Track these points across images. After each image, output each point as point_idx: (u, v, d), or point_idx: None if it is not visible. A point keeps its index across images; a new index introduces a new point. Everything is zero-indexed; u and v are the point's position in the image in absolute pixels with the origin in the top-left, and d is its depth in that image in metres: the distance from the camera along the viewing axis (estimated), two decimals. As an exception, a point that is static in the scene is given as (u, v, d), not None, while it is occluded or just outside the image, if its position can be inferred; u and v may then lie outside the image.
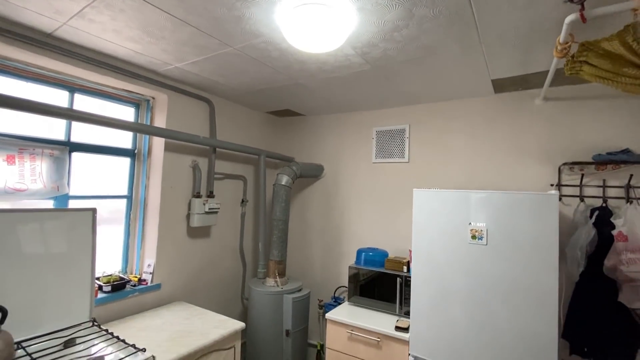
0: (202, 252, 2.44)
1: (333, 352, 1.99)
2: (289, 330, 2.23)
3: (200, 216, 2.26)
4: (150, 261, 2.13)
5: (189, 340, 1.62)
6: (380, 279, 2.10)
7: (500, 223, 1.49)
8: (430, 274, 1.65)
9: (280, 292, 2.29)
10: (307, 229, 2.99)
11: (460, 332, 1.55)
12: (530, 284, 1.43)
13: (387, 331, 1.80)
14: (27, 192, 1.68)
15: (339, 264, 2.78)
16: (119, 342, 1.47)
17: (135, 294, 1.97)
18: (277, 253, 2.46)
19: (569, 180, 1.99)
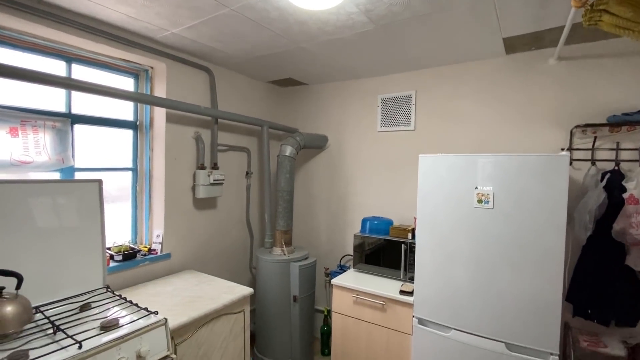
0: (209, 223, 2.47)
1: (339, 316, 2.05)
2: (296, 296, 2.29)
3: (205, 187, 2.27)
4: (158, 232, 2.17)
5: (200, 304, 1.67)
6: (385, 247, 2.12)
7: (507, 186, 1.47)
8: (434, 238, 1.65)
9: (287, 261, 2.33)
10: (312, 200, 3.00)
11: (463, 295, 1.58)
12: (536, 247, 1.42)
13: (392, 295, 1.84)
14: (32, 165, 1.69)
15: (344, 233, 2.81)
16: (132, 306, 1.53)
17: (145, 263, 2.02)
18: (283, 223, 2.49)
19: (580, 144, 1.93)
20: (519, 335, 1.45)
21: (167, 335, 1.42)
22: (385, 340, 1.87)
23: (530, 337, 1.43)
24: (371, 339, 1.92)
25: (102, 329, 1.30)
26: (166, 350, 1.41)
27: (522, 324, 1.45)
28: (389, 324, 1.85)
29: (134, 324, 1.36)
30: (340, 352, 2.05)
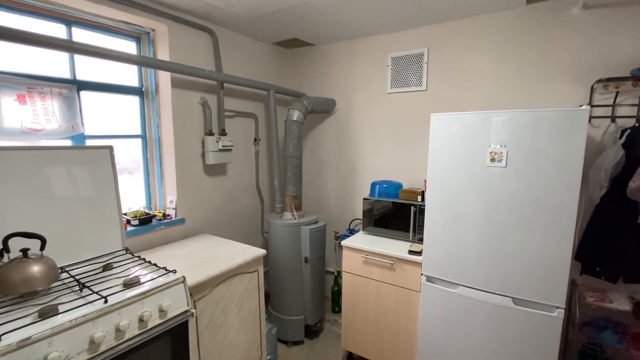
0: (221, 189, 2.51)
1: (349, 275, 2.12)
2: (307, 258, 2.36)
3: (214, 154, 2.28)
4: (171, 198, 2.21)
5: (215, 264, 1.74)
6: (394, 210, 2.13)
7: (521, 144, 1.43)
8: (445, 198, 1.65)
9: (298, 224, 2.37)
10: (321, 166, 2.99)
11: (472, 253, 1.60)
12: (549, 206, 1.41)
13: (401, 255, 1.88)
14: (43, 132, 1.71)
15: (353, 198, 2.83)
16: (151, 266, 1.60)
17: (161, 227, 2.08)
18: (293, 188, 2.51)
19: (600, 100, 1.85)
20: (526, 291, 1.48)
21: (186, 292, 1.50)
22: (394, 297, 1.93)
23: (537, 292, 1.46)
24: (380, 296, 1.99)
25: (125, 286, 1.37)
26: (186, 305, 1.49)
27: (530, 280, 1.47)
28: (397, 282, 1.91)
29: (154, 281, 1.43)
30: (350, 309, 2.14)
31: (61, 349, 1.09)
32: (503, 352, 1.55)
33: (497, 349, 1.57)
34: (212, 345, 1.70)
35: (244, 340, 1.91)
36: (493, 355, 1.58)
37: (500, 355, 1.56)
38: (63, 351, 1.10)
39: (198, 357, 1.63)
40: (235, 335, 1.84)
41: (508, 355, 1.54)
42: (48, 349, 1.07)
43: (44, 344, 1.06)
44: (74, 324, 1.13)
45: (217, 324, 1.72)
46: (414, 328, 1.88)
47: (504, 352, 1.55)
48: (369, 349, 2.09)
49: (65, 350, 1.11)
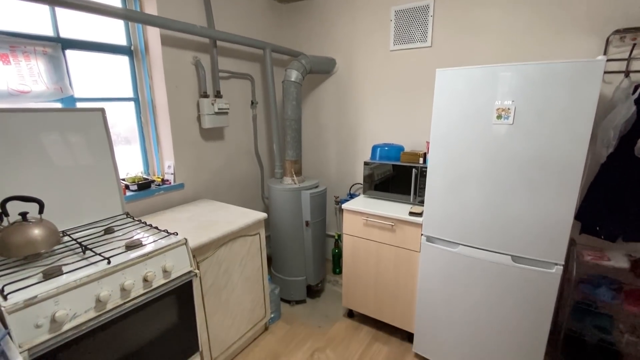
0: (219, 154, 2.47)
1: (349, 237, 2.14)
2: (308, 221, 2.38)
3: (210, 117, 2.21)
4: (169, 162, 2.18)
5: (217, 227, 1.75)
6: (395, 173, 2.10)
7: (530, 99, 1.36)
8: (448, 158, 1.61)
9: (298, 189, 2.36)
10: (321, 130, 2.92)
11: (473, 213, 1.59)
12: (554, 164, 1.37)
13: (401, 216, 1.88)
14: (31, 95, 1.64)
15: (354, 162, 2.79)
16: (152, 229, 1.60)
17: (160, 192, 2.07)
18: (292, 153, 2.46)
19: (615, 53, 1.75)
20: (526, 249, 1.49)
21: (189, 253, 1.51)
22: (394, 258, 1.96)
23: (536, 250, 1.47)
24: (380, 256, 2.02)
25: (127, 248, 1.38)
26: (189, 266, 1.52)
27: (530, 239, 1.48)
28: (397, 243, 1.93)
29: (157, 243, 1.44)
30: (351, 269, 2.18)
31: (68, 307, 1.11)
32: (499, 308, 1.60)
33: (493, 305, 1.61)
34: (217, 304, 1.76)
35: (248, 299, 1.96)
36: (490, 311, 1.63)
37: (497, 311, 1.61)
38: (70, 309, 1.12)
39: (204, 315, 1.68)
40: (239, 294, 1.89)
41: (504, 311, 1.59)
42: (55, 307, 1.09)
43: (50, 303, 1.08)
44: (79, 283, 1.15)
45: (221, 284, 1.76)
46: (413, 286, 1.93)
47: (501, 308, 1.59)
48: (369, 307, 2.16)
49: (72, 309, 1.13)
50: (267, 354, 2.00)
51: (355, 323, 2.29)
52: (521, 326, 1.56)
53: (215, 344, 1.77)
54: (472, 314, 1.68)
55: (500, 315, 1.60)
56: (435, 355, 1.87)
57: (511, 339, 1.60)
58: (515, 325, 1.57)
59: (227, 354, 1.87)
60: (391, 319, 2.08)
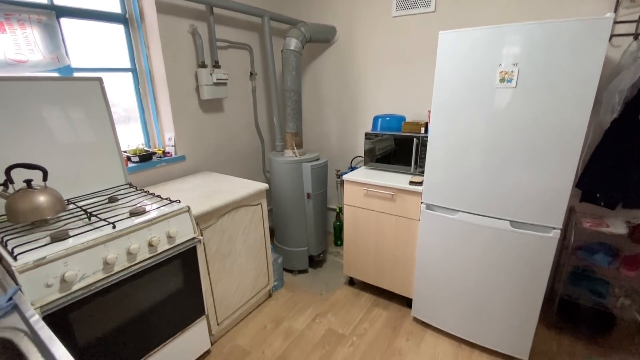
0: (219, 127, 2.46)
1: (350, 208, 2.16)
2: (310, 194, 2.40)
3: (209, 88, 2.19)
4: (169, 135, 2.18)
5: (219, 196, 1.77)
6: (396, 144, 2.09)
7: (534, 60, 1.33)
8: (449, 125, 1.60)
9: (299, 161, 2.37)
10: (321, 102, 2.89)
11: (473, 180, 1.59)
12: (556, 128, 1.36)
13: (401, 185, 1.89)
14: (28, 64, 1.62)
15: (355, 135, 2.78)
16: (155, 197, 1.63)
17: (162, 164, 2.09)
18: (293, 125, 2.45)
19: (625, 15, 1.69)
20: (525, 214, 1.51)
21: (192, 220, 1.54)
22: (394, 227, 1.99)
23: (535, 216, 1.49)
24: (380, 226, 2.05)
25: (132, 214, 1.41)
26: (193, 233, 1.55)
27: (530, 204, 1.49)
28: (397, 212, 1.95)
29: (160, 210, 1.47)
30: (352, 239, 2.22)
31: (77, 268, 1.15)
32: (496, 272, 1.63)
33: (490, 270, 1.65)
34: (222, 270, 1.81)
35: (251, 266, 2.02)
36: (487, 275, 1.67)
37: (494, 275, 1.64)
38: (79, 270, 1.16)
39: (209, 281, 1.74)
40: (243, 262, 1.94)
41: (501, 274, 1.62)
42: (64, 268, 1.13)
43: (59, 264, 1.12)
44: (86, 246, 1.18)
45: (225, 251, 1.81)
46: (412, 254, 1.96)
47: (497, 272, 1.63)
48: (369, 274, 2.22)
49: (81, 270, 1.17)
50: (271, 319, 2.07)
51: (356, 290, 2.36)
52: (517, 289, 1.60)
53: (221, 309, 1.84)
54: (469, 279, 1.72)
55: (497, 279, 1.64)
56: (433, 319, 1.93)
57: (507, 302, 1.64)
58: (511, 288, 1.61)
59: (232, 318, 1.94)
60: (390, 286, 2.14)
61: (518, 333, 1.66)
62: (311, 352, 1.81)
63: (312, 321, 2.05)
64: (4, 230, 1.26)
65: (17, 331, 0.80)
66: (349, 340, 1.90)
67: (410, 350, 1.82)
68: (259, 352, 1.82)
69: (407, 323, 2.03)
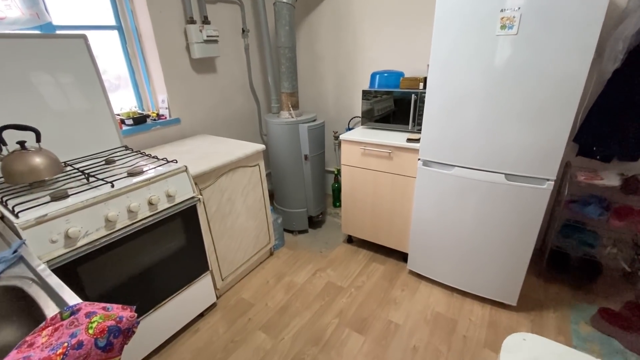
0: (213, 88, 2.40)
1: (347, 168, 2.17)
2: (307, 155, 2.39)
3: (199, 46, 2.10)
4: (162, 97, 2.13)
5: (216, 157, 1.77)
6: (394, 101, 2.05)
7: (537, 5, 1.27)
8: (447, 78, 1.56)
9: (296, 122, 2.34)
10: (317, 60, 2.79)
11: (470, 135, 1.58)
12: (556, 76, 1.33)
13: (398, 143, 1.88)
14: (6, 21, 1.54)
15: (352, 94, 2.72)
16: (151, 159, 1.63)
17: (157, 127, 2.06)
18: (288, 85, 2.39)
19: (639, -46, 1.58)
20: (519, 167, 1.52)
21: (190, 180, 1.55)
22: (390, 185, 2.02)
23: (530, 168, 1.50)
24: (377, 184, 2.07)
25: (130, 174, 1.41)
26: (192, 192, 1.57)
27: (525, 158, 1.49)
28: (394, 170, 1.97)
29: (157, 170, 1.47)
30: (349, 198, 2.26)
31: (79, 225, 1.18)
32: (490, 225, 1.68)
33: (485, 222, 1.69)
34: (223, 229, 1.85)
35: (252, 226, 2.07)
36: (479, 227, 1.71)
37: (487, 227, 1.69)
38: (82, 227, 1.19)
39: (211, 239, 1.79)
40: (243, 221, 1.99)
41: (494, 227, 1.67)
42: (67, 225, 1.15)
43: (61, 221, 1.14)
44: (86, 204, 1.20)
45: (225, 211, 1.84)
46: (408, 210, 2.01)
47: (491, 224, 1.67)
48: (367, 232, 2.28)
49: (84, 227, 1.20)
50: (273, 274, 2.16)
51: (354, 247, 2.44)
52: (509, 239, 1.65)
53: (224, 265, 1.91)
54: (463, 231, 1.78)
55: (490, 230, 1.69)
56: (428, 271, 2.02)
57: (498, 252, 1.71)
58: (504, 238, 1.67)
59: (236, 274, 2.02)
60: (387, 241, 2.21)
61: (508, 281, 1.74)
62: (312, 303, 1.91)
63: (312, 276, 2.14)
64: (2, 191, 1.27)
65: (25, 279, 0.84)
66: (347, 291, 2.00)
67: (405, 299, 1.92)
68: (262, 304, 1.92)
69: (403, 275, 2.12)
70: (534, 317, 1.77)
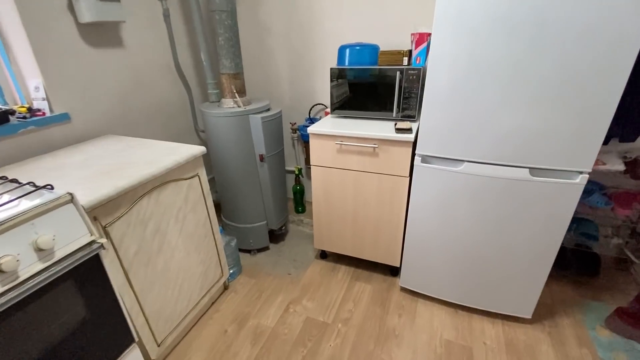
0: (120, 69, 1.71)
1: (319, 169, 1.70)
2: (263, 155, 1.86)
3: (90, 3, 1.41)
4: (36, 82, 1.40)
5: (130, 172, 1.15)
6: (372, 82, 1.62)
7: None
8: (458, 45, 1.16)
9: (245, 113, 1.78)
10: (264, 34, 2.22)
11: (488, 122, 1.22)
12: (607, 39, 1.01)
13: (386, 135, 1.46)
14: None
15: (312, 76, 2.22)
16: (8, 184, 0.96)
17: (29, 127, 1.34)
18: (229, 63, 1.80)
19: None
20: (549, 160, 1.21)
21: (82, 214, 0.93)
22: (376, 187, 1.60)
23: (561, 160, 1.20)
24: (359, 187, 1.64)
25: (-50, 221, 0.76)
26: (88, 234, 0.95)
27: (556, 147, 1.18)
28: (381, 169, 1.55)
29: (16, 205, 0.83)
30: (322, 207, 1.80)
31: None
32: (506, 230, 1.37)
33: (500, 227, 1.37)
34: (152, 276, 1.26)
35: (196, 260, 1.49)
36: (494, 234, 1.40)
37: (503, 232, 1.38)
38: None
39: (133, 295, 1.18)
40: (182, 257, 1.40)
41: (512, 231, 1.36)
42: None
43: None
44: None
45: (152, 249, 1.24)
46: (399, 217, 1.62)
47: (508, 229, 1.36)
48: (347, 246, 1.85)
49: None
50: (232, 319, 1.62)
51: (330, 264, 2.00)
52: (530, 245, 1.36)
53: (159, 325, 1.32)
54: (471, 239, 1.45)
55: (506, 236, 1.38)
56: (425, 287, 1.67)
57: (516, 261, 1.41)
58: (523, 244, 1.37)
59: (179, 331, 1.44)
60: (373, 255, 1.81)
61: (524, 292, 1.47)
62: (291, 354, 1.43)
63: (284, 312, 1.65)
64: None
65: None
66: (333, 329, 1.56)
67: (405, 328, 1.55)
68: (222, 369, 1.38)
69: (395, 295, 1.75)
70: (550, 329, 1.53)
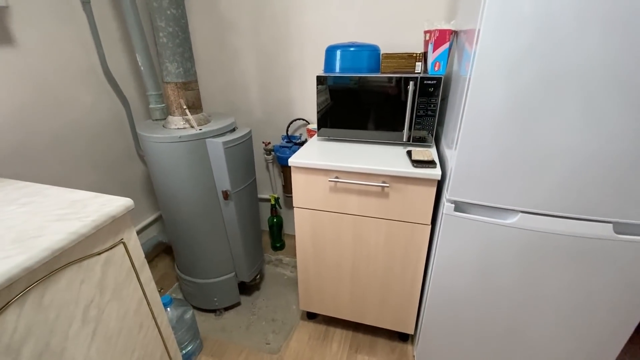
0: (10, 77, 1.16)
1: (304, 212, 1.25)
2: (228, 192, 1.38)
3: None
4: None
5: (-25, 265, 0.63)
6: (371, 93, 1.20)
7: None
8: (522, 44, 0.76)
9: (200, 137, 1.29)
10: (225, 31, 1.74)
11: (560, 157, 0.83)
12: None
13: (401, 170, 1.04)
14: None
15: (289, 84, 1.76)
16: None
17: None
18: (176, 68, 1.31)
19: None
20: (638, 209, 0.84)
21: None
22: (384, 238, 1.19)
23: (655, 209, 0.83)
24: (359, 237, 1.22)
25: None
26: None
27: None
28: (393, 214, 1.13)
29: None
30: (310, 260, 1.35)
31: None
32: (577, 305, 1.00)
33: (567, 301, 1.00)
34: None
35: (124, 371, 0.98)
36: (558, 310, 1.02)
37: (570, 308, 1.00)
38: None
39: None
40: (98, 376, 0.89)
41: (584, 307, 0.99)
42: None
43: None
44: None
45: (33, 387, 0.73)
46: (415, 276, 1.21)
47: (578, 304, 0.99)
48: (344, 308, 1.41)
49: None
50: None
51: (321, 326, 1.55)
52: (604, 320, 1.00)
53: None
54: (519, 316, 1.06)
55: (573, 312, 1.01)
56: (448, 363, 1.27)
57: (583, 340, 1.04)
58: (595, 319, 1.00)
59: None
60: (378, 321, 1.39)
61: (586, 376, 1.10)
62: None
63: (263, 417, 1.18)
64: None
65: None
66: None
67: None
68: None
69: (409, 373, 1.33)
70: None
